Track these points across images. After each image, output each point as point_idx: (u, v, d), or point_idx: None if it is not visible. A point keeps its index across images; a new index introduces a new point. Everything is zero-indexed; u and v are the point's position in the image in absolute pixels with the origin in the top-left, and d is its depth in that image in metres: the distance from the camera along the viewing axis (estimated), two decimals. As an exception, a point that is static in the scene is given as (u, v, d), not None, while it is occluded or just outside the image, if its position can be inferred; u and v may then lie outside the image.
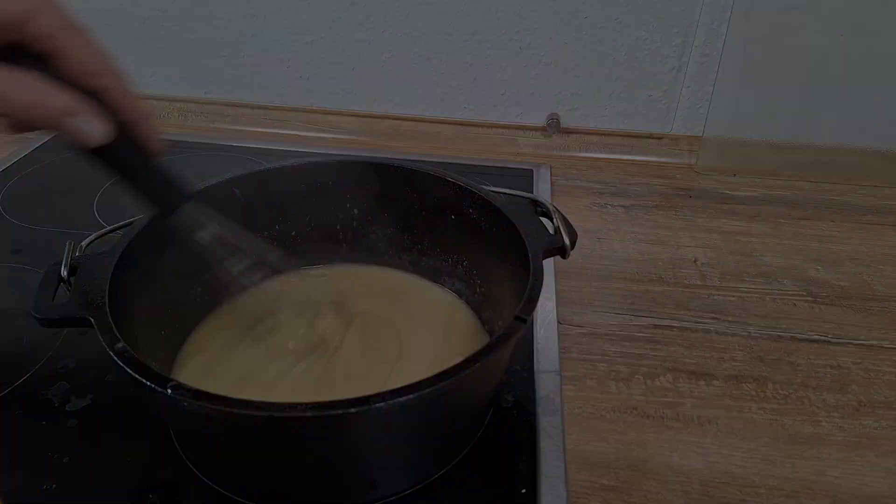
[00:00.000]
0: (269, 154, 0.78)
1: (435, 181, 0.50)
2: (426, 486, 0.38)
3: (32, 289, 0.37)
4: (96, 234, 0.44)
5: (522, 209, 0.46)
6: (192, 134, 0.84)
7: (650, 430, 0.44)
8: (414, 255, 0.53)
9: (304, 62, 0.82)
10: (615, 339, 0.52)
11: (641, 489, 0.40)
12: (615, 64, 0.78)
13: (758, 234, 0.67)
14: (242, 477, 0.37)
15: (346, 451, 0.34)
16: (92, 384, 0.45)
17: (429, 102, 0.84)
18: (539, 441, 0.41)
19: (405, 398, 0.30)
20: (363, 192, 0.52)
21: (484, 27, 0.77)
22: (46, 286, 0.38)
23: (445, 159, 0.79)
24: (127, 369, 0.31)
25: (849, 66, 0.74)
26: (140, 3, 0.81)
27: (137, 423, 0.42)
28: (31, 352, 0.47)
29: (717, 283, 0.59)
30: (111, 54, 0.33)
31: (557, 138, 0.83)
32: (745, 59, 0.74)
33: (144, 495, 0.37)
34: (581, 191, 0.75)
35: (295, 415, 0.29)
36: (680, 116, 0.81)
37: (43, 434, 0.41)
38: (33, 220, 0.64)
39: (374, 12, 0.78)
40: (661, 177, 0.79)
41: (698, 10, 0.74)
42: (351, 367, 0.44)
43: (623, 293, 0.57)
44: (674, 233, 0.67)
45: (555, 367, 0.48)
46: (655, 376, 0.48)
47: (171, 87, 0.87)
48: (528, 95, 0.82)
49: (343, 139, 0.85)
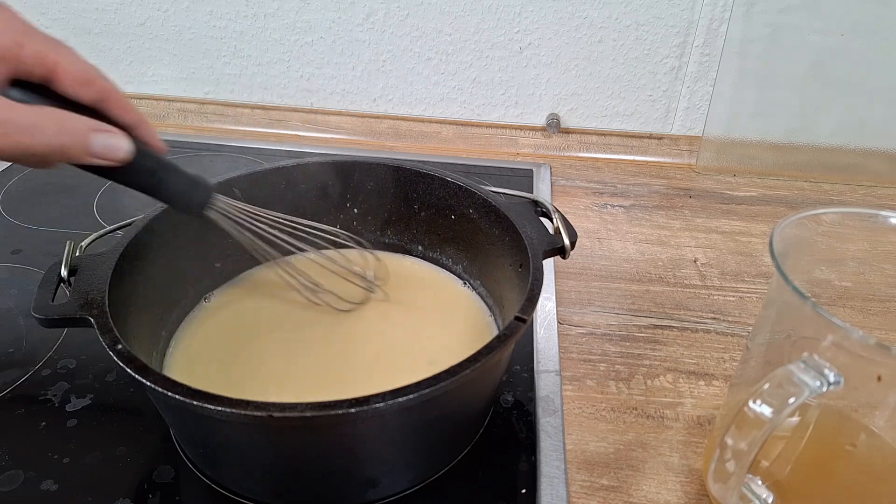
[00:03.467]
0: (269, 154, 0.78)
1: (435, 181, 0.50)
2: (426, 486, 0.38)
3: (32, 289, 0.37)
4: (96, 234, 0.44)
5: (522, 209, 0.46)
6: (192, 134, 0.85)
7: (650, 430, 0.44)
8: (414, 256, 0.54)
9: (304, 62, 0.82)
10: (615, 339, 0.52)
11: (641, 489, 0.40)
12: (615, 64, 0.78)
13: (758, 234, 0.67)
14: (242, 477, 0.37)
15: (346, 451, 0.34)
16: (92, 384, 0.45)
17: (429, 102, 0.84)
18: (539, 441, 0.41)
19: (405, 398, 0.30)
20: (363, 193, 0.53)
21: (484, 27, 0.77)
22: (46, 286, 0.38)
23: (445, 159, 0.79)
24: (127, 369, 0.31)
25: (849, 66, 0.74)
26: (140, 3, 0.81)
27: (137, 423, 0.42)
28: (31, 352, 0.47)
29: (717, 283, 0.59)
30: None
31: (557, 138, 0.83)
32: (745, 58, 0.74)
33: (144, 495, 0.37)
34: (581, 191, 0.75)
35: (295, 415, 0.29)
36: (679, 116, 0.81)
37: (43, 434, 0.41)
38: (33, 220, 0.64)
39: (374, 12, 0.78)
40: (660, 177, 0.79)
41: (698, 10, 0.74)
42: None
43: (623, 293, 0.57)
44: (674, 233, 0.67)
45: (555, 367, 0.48)
46: (655, 376, 0.48)
47: (171, 87, 0.87)
48: (528, 95, 0.82)
49: (343, 139, 0.85)
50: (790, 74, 0.75)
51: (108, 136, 0.32)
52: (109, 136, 0.32)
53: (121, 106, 0.34)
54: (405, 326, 0.47)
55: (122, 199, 0.37)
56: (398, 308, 0.49)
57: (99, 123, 0.32)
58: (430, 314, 0.49)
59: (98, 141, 0.32)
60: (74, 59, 0.32)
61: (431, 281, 0.52)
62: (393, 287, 0.51)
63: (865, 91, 0.75)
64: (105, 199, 0.67)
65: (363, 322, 0.48)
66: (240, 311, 0.48)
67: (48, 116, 0.30)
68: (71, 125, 0.31)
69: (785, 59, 0.74)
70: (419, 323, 0.48)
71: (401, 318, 0.48)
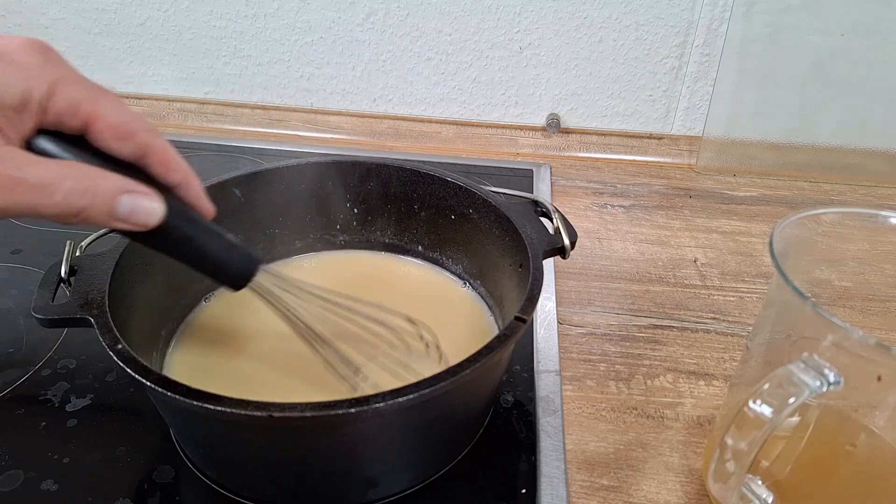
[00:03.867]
0: (269, 154, 0.78)
1: (435, 181, 0.50)
2: (426, 486, 0.38)
3: (32, 289, 0.37)
4: (96, 234, 0.44)
5: (522, 209, 0.46)
6: (192, 134, 0.85)
7: (650, 430, 0.44)
8: (414, 256, 0.54)
9: (304, 62, 0.82)
10: (615, 339, 0.52)
11: (641, 489, 0.40)
12: (615, 64, 0.79)
13: (758, 234, 0.67)
14: (242, 477, 0.37)
15: (346, 451, 0.34)
16: (92, 384, 0.45)
17: (429, 102, 0.84)
18: (539, 441, 0.41)
19: (405, 398, 0.30)
20: (363, 193, 0.53)
21: (484, 27, 0.77)
22: (46, 286, 0.38)
23: (445, 159, 0.79)
24: (127, 369, 0.31)
25: (849, 66, 0.74)
26: (140, 3, 0.81)
27: (137, 423, 0.42)
28: (31, 352, 0.47)
29: (717, 283, 0.59)
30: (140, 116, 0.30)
31: (557, 138, 0.83)
32: (745, 58, 0.74)
33: (144, 495, 0.37)
34: (581, 191, 0.75)
35: (295, 415, 0.29)
36: (679, 116, 0.81)
37: (43, 434, 0.41)
38: (33, 220, 0.64)
39: (374, 12, 0.78)
40: (660, 177, 0.79)
41: (698, 10, 0.74)
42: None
43: (623, 293, 0.57)
44: (673, 233, 0.67)
45: (555, 367, 0.48)
46: (655, 376, 0.48)
47: (171, 87, 0.87)
48: (528, 95, 0.82)
49: (343, 139, 0.85)
50: (790, 74, 0.75)
51: (137, 198, 0.29)
52: (139, 198, 0.29)
53: (164, 163, 0.31)
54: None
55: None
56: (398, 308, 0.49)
57: (130, 183, 0.29)
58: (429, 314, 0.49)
59: (125, 204, 0.28)
60: (114, 108, 0.29)
61: (431, 281, 0.52)
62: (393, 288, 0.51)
63: (865, 91, 0.75)
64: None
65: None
66: (240, 311, 0.48)
67: (71, 174, 0.27)
68: (95, 185, 0.28)
69: (785, 59, 0.74)
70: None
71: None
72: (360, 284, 0.52)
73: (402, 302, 0.50)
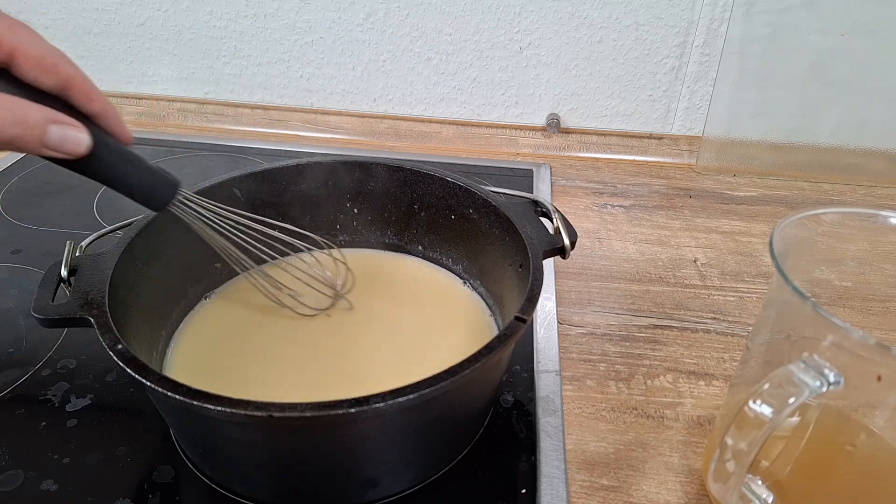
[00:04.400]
0: (269, 154, 0.78)
1: (435, 181, 0.50)
2: (426, 486, 0.38)
3: (32, 289, 0.37)
4: (96, 234, 0.44)
5: (522, 209, 0.46)
6: (192, 134, 0.85)
7: (650, 430, 0.44)
8: (414, 256, 0.54)
9: (304, 62, 0.82)
10: (615, 339, 0.52)
11: (641, 489, 0.40)
12: (615, 64, 0.79)
13: (758, 234, 0.67)
14: (242, 477, 0.37)
15: (347, 451, 0.34)
16: (92, 384, 0.45)
17: (429, 102, 0.84)
18: (539, 441, 0.41)
19: (405, 398, 0.30)
20: (363, 193, 0.53)
21: (484, 27, 0.77)
22: (46, 286, 0.38)
23: (445, 159, 0.79)
24: (127, 369, 0.31)
25: (849, 66, 0.74)
26: (140, 3, 0.81)
27: (137, 423, 0.42)
28: (31, 352, 0.47)
29: (717, 283, 0.59)
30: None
31: (557, 138, 0.83)
32: (745, 58, 0.74)
33: (144, 495, 0.37)
34: (581, 191, 0.75)
35: (295, 415, 0.29)
36: (679, 116, 0.81)
37: (43, 434, 0.41)
38: (33, 220, 0.64)
39: (374, 12, 0.78)
40: (660, 177, 0.79)
41: (698, 10, 0.74)
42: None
43: (623, 293, 0.57)
44: (673, 233, 0.67)
45: (555, 367, 0.48)
46: (655, 376, 0.48)
47: (171, 87, 0.87)
48: (527, 95, 0.82)
49: (343, 139, 0.85)
50: (790, 74, 0.75)
51: (65, 129, 0.30)
52: (67, 129, 0.30)
53: (84, 94, 0.32)
54: (405, 326, 0.47)
55: (123, 199, 0.36)
56: (398, 308, 0.49)
57: (57, 114, 0.30)
58: (430, 314, 0.49)
59: (54, 133, 0.30)
60: (36, 42, 0.30)
61: (431, 281, 0.52)
62: (393, 287, 0.51)
63: (865, 91, 0.75)
64: (105, 199, 0.67)
65: (364, 322, 0.48)
66: (240, 311, 0.48)
67: (1, 105, 0.28)
68: (25, 115, 0.29)
69: (785, 59, 0.74)
70: (419, 323, 0.48)
71: (401, 318, 0.48)
72: (360, 284, 0.52)
73: (402, 302, 0.50)
